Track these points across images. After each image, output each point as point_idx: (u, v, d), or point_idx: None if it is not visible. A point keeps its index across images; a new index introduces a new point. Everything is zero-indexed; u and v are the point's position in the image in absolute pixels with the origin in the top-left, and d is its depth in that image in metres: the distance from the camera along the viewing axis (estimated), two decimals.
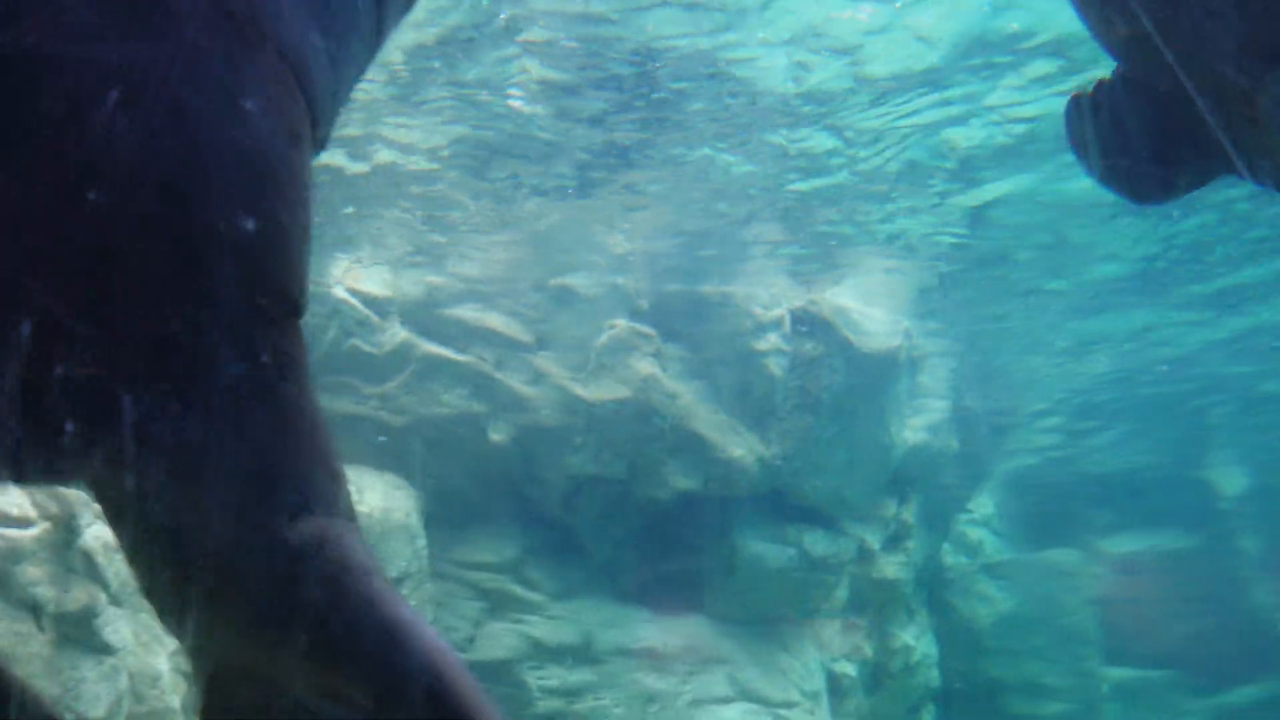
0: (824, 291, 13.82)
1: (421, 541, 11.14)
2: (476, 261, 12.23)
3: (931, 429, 15.58)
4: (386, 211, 11.12)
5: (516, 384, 12.11)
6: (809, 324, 13.37)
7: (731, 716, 12.84)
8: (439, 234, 11.67)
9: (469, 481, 12.24)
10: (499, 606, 12.20)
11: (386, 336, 11.85)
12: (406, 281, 12.14)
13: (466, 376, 11.94)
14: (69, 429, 1.69)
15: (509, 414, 12.08)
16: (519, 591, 12.30)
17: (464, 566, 12.20)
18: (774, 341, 13.07)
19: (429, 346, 11.91)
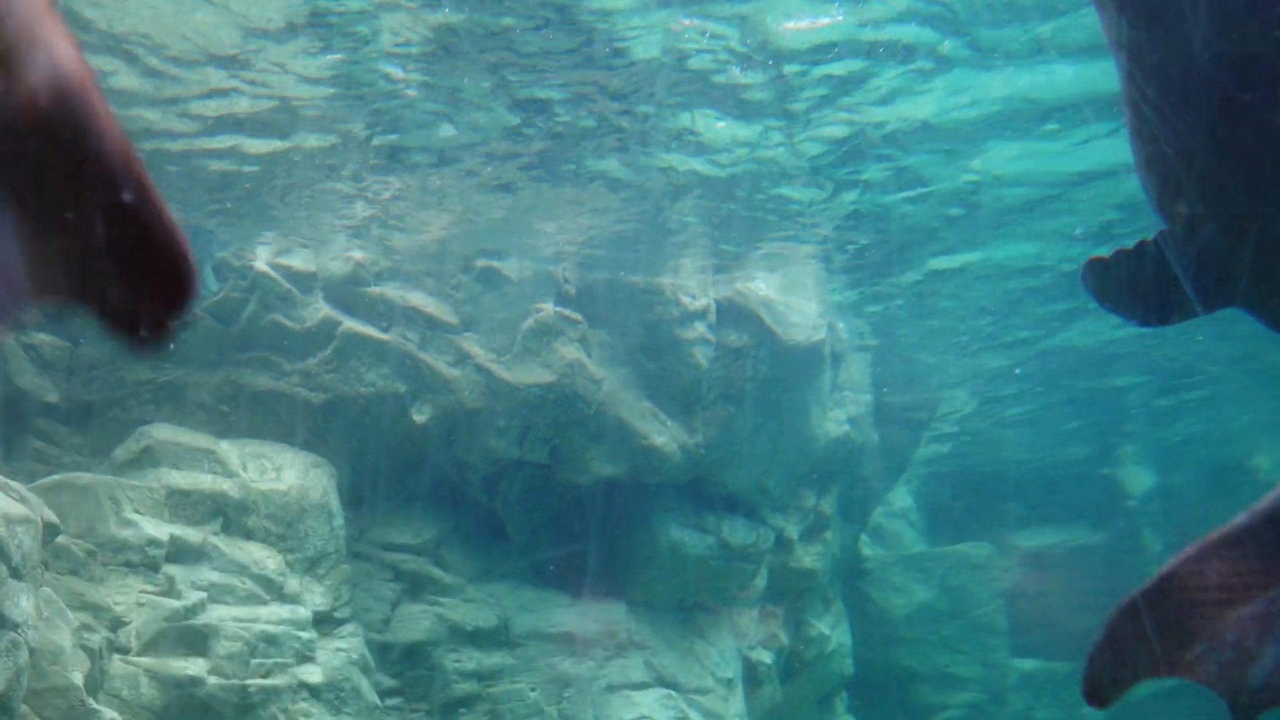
0: (750, 281, 13.92)
1: (339, 521, 11.01)
2: (404, 240, 12.10)
3: (853, 421, 15.79)
4: (312, 189, 10.94)
5: (440, 365, 12.01)
6: (735, 315, 13.46)
7: (646, 702, 12.92)
8: (366, 211, 11.51)
9: (389, 461, 12.12)
10: (416, 588, 12.12)
11: (309, 312, 11.67)
12: (331, 258, 11.97)
13: (390, 356, 11.81)
14: None
15: (432, 395, 11.99)
16: (437, 573, 12.23)
17: (382, 547, 12.09)
18: (700, 331, 13.14)
19: (352, 324, 11.76)
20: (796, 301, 14.11)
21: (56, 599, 8.66)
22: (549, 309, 12.44)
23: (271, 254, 11.73)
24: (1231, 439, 22.74)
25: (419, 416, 11.91)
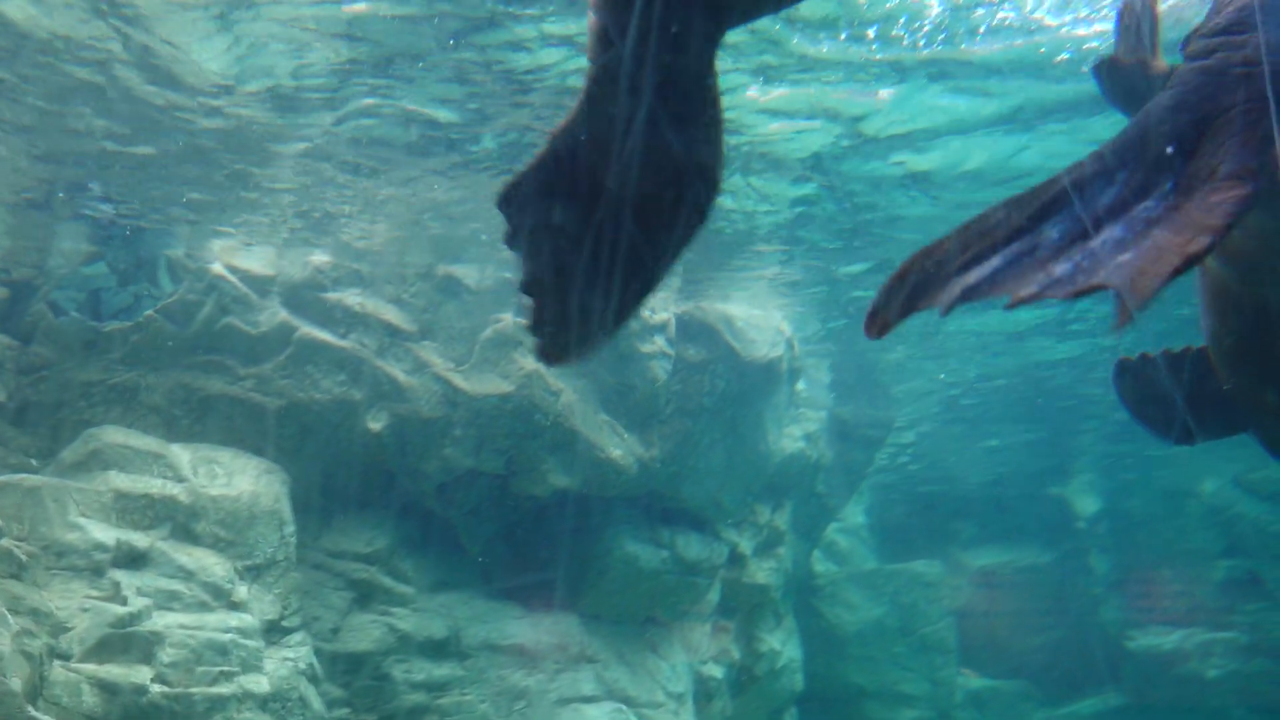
0: (713, 303, 13.97)
1: (290, 528, 10.88)
2: (363, 246, 12.01)
3: (809, 438, 15.89)
4: (272, 190, 10.84)
5: (397, 373, 11.93)
6: (694, 330, 13.50)
7: (597, 716, 12.88)
8: (325, 215, 11.42)
9: (343, 469, 12.01)
10: (367, 597, 12.00)
11: (265, 316, 11.55)
12: (289, 262, 11.86)
13: (346, 362, 11.71)
14: None
15: (388, 403, 11.90)
16: (388, 583, 12.12)
17: (333, 555, 11.97)
18: (659, 345, 13.16)
19: (309, 329, 11.65)
20: (756, 318, 14.18)
21: None
22: (509, 319, 12.41)
23: (228, 255, 11.59)
24: (1178, 464, 23.12)
25: (374, 424, 11.82)
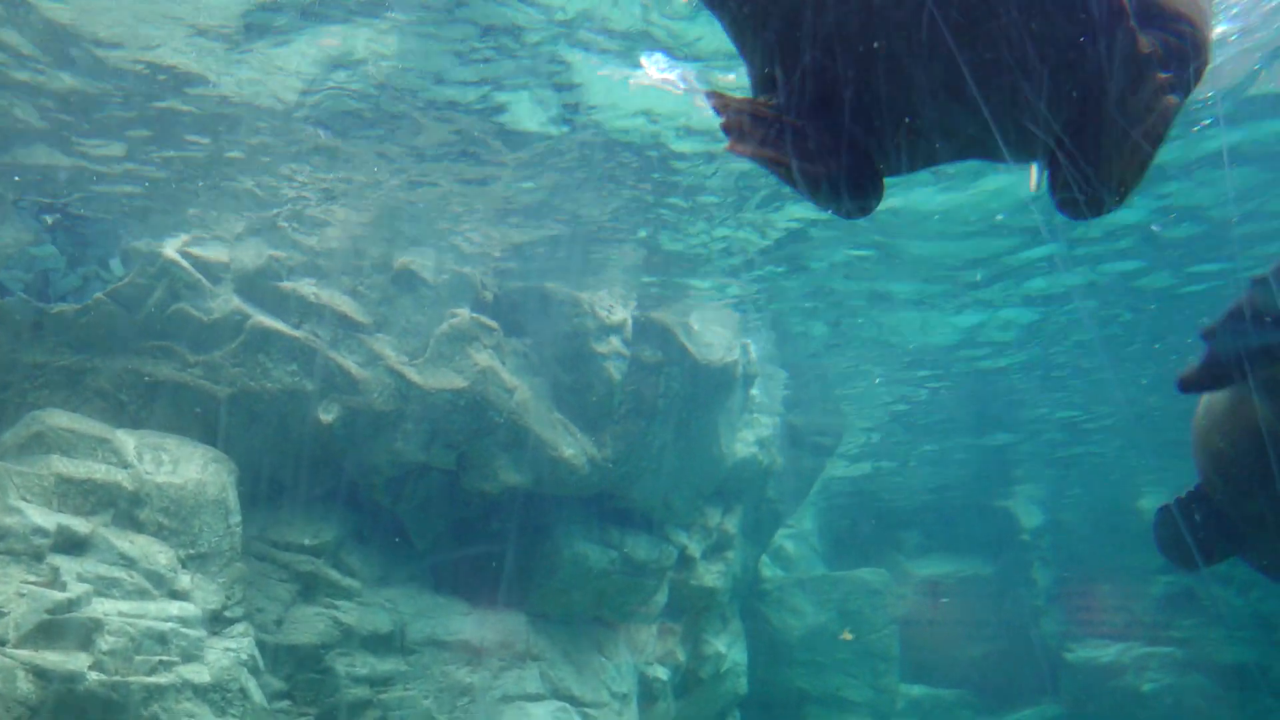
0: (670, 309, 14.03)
1: (236, 518, 10.75)
2: (320, 237, 11.91)
3: (761, 443, 15.98)
4: (231, 179, 10.72)
5: (350, 365, 11.84)
6: (650, 331, 13.53)
7: (540, 714, 12.86)
8: (283, 205, 11.31)
9: (292, 460, 11.90)
10: (312, 590, 11.90)
11: (217, 303, 11.41)
12: (244, 250, 11.73)
13: (298, 352, 11.61)
14: None
15: (340, 394, 11.81)
16: (334, 576, 12.02)
17: (279, 547, 11.85)
18: (615, 345, 13.17)
19: (261, 318, 11.53)
20: (712, 322, 14.25)
21: None
22: (465, 314, 12.36)
23: (181, 242, 11.44)
24: (1121, 481, 23.53)
25: (325, 416, 11.72)
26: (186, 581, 10.11)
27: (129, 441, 10.43)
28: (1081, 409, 19.70)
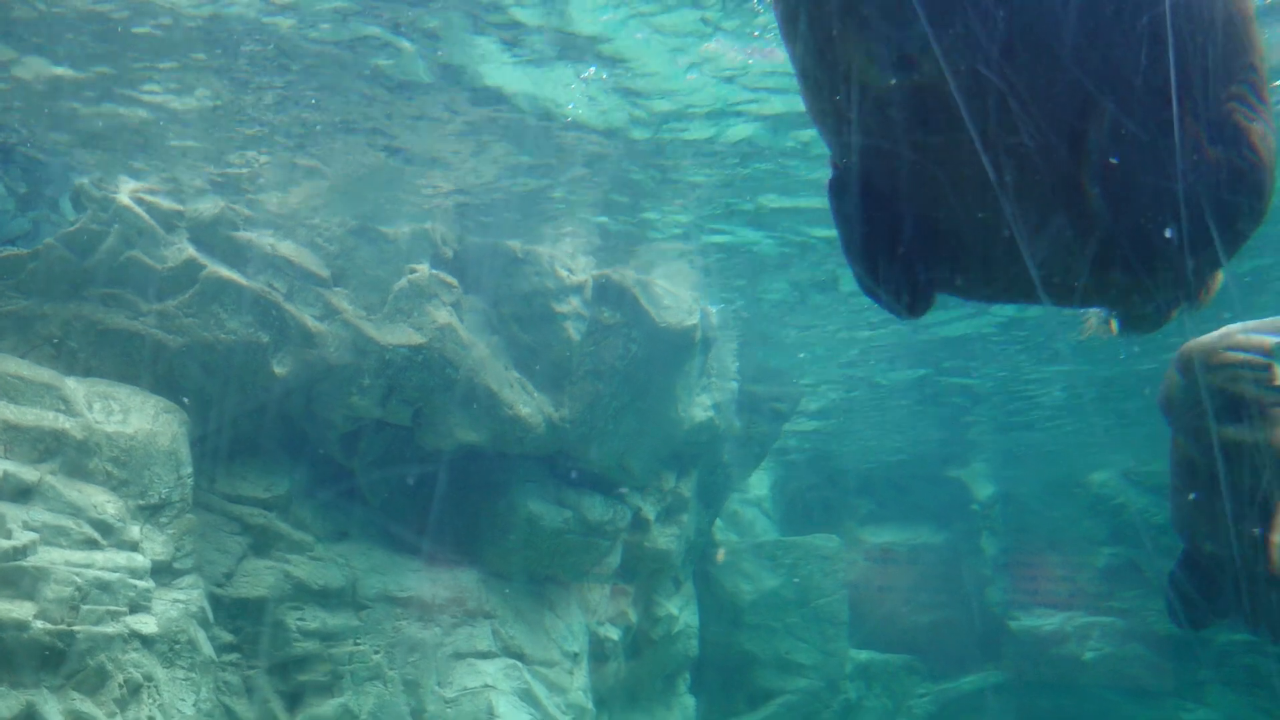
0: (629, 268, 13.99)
1: (187, 469, 10.65)
2: (279, 187, 11.74)
3: (717, 407, 16.03)
4: (185, 133, 10.52)
5: (306, 317, 11.72)
6: (611, 292, 13.50)
7: (491, 671, 12.92)
8: (241, 155, 11.13)
9: (245, 412, 11.79)
10: (263, 543, 11.83)
11: (171, 252, 11.23)
12: (200, 198, 11.54)
13: (254, 304, 11.47)
14: None
15: (295, 347, 11.69)
16: (286, 529, 11.96)
17: (230, 499, 11.76)
18: (575, 305, 13.14)
19: (216, 268, 11.37)
20: (672, 285, 14.24)
21: None
22: (424, 270, 12.26)
23: (135, 187, 11.23)
24: (1071, 455, 23.89)
25: (280, 368, 11.61)
26: (135, 532, 10.01)
27: (79, 390, 10.27)
28: (1036, 378, 19.94)
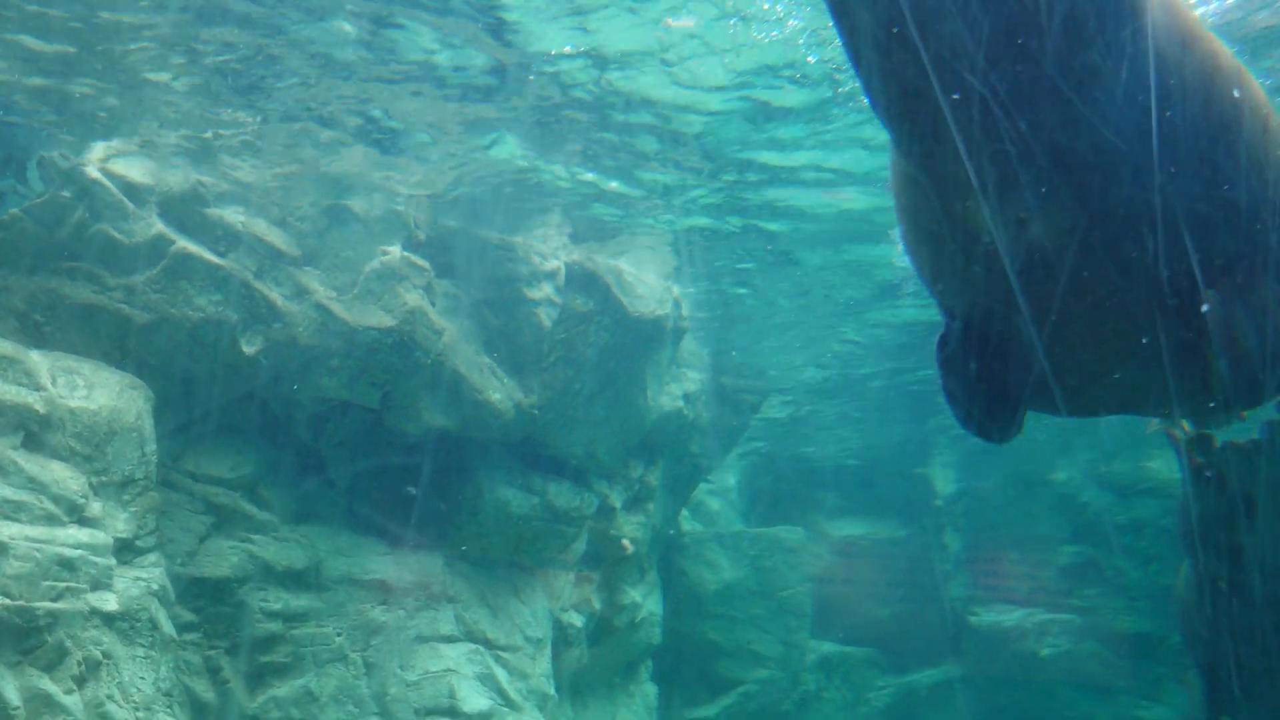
0: (602, 255, 13.97)
1: (152, 447, 10.56)
2: (252, 164, 11.63)
3: (687, 398, 16.07)
4: (160, 96, 10.40)
5: (276, 297, 11.64)
6: (583, 280, 13.48)
7: (454, 656, 12.91)
8: (216, 127, 11.02)
9: (211, 390, 11.70)
10: (227, 523, 11.76)
11: (140, 226, 11.11)
12: (171, 173, 11.41)
13: (223, 281, 11.37)
14: None
15: (264, 326, 11.61)
16: (250, 509, 11.89)
17: (195, 478, 11.68)
18: (547, 292, 13.12)
19: (186, 244, 11.26)
20: (645, 274, 14.24)
21: None
22: (396, 252, 12.20)
23: (103, 155, 11.07)
24: (1035, 453, 24.09)
25: (249, 348, 11.53)
26: (97, 509, 9.93)
27: (42, 363, 10.16)
28: None
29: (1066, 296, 3.55)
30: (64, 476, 9.77)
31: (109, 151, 11.09)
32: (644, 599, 16.76)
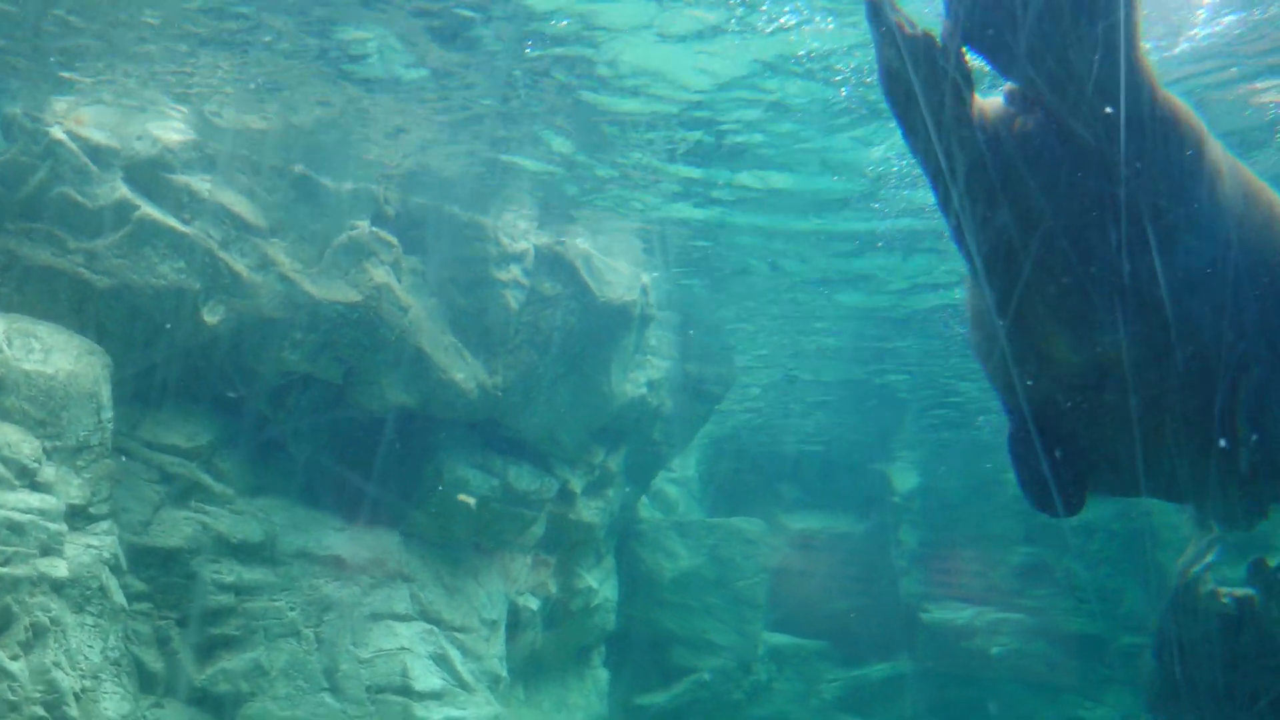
0: (574, 238, 13.94)
1: (108, 413, 10.43)
2: (220, 130, 11.48)
3: (651, 385, 16.08)
4: (127, 43, 10.23)
5: (241, 267, 11.52)
6: (552, 263, 13.45)
7: (407, 634, 12.88)
8: (185, 88, 10.86)
9: (171, 359, 11.56)
10: (183, 493, 11.64)
11: (104, 190, 10.95)
12: (136, 137, 11.25)
13: (187, 250, 11.23)
14: None
15: (228, 296, 11.48)
16: (207, 481, 11.78)
17: (151, 447, 11.55)
18: (515, 274, 13.07)
19: (150, 210, 11.11)
20: (615, 260, 14.22)
21: None
22: (364, 227, 12.10)
23: (68, 110, 10.87)
24: (994, 453, 24.35)
25: (211, 317, 11.40)
26: (50, 474, 9.80)
27: None
28: (960, 373, 20.28)
29: (1133, 407, 4.21)
30: (16, 440, 9.63)
31: (74, 105, 10.90)
32: (600, 584, 16.78)
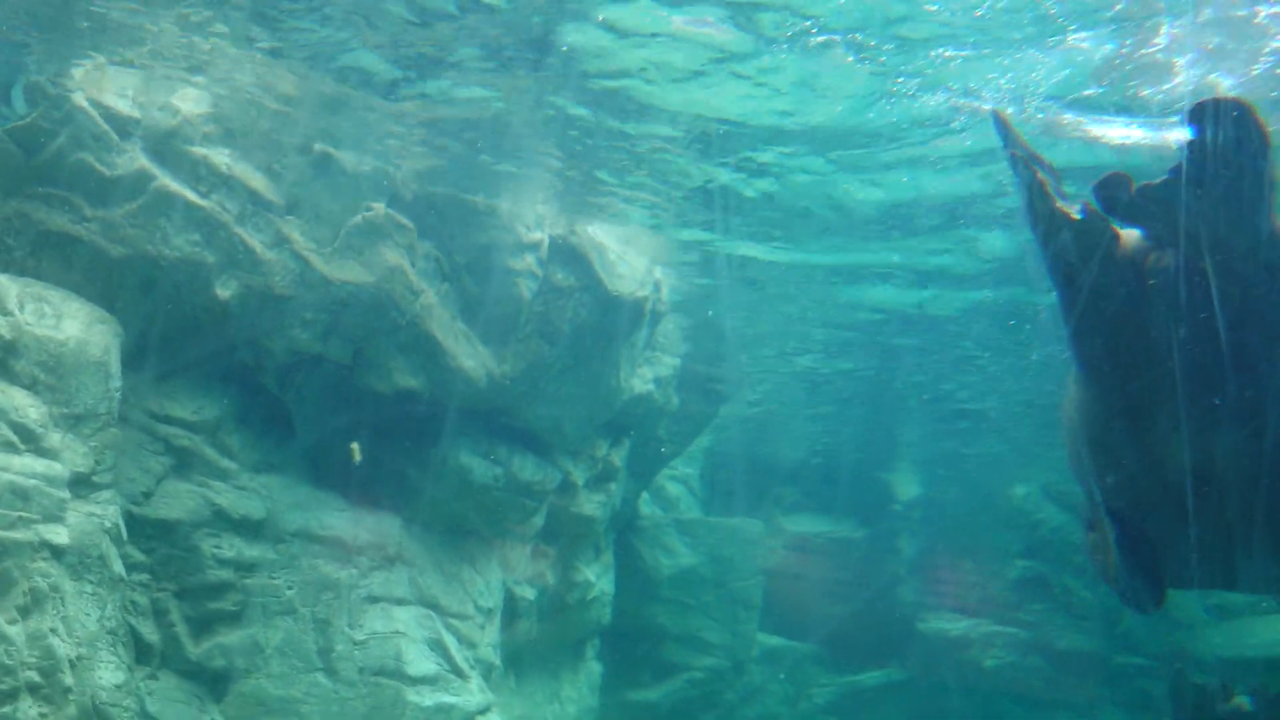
0: (589, 225, 13.91)
1: (116, 383, 10.42)
2: (241, 104, 11.45)
3: (658, 381, 16.06)
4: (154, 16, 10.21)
5: (255, 243, 11.50)
6: (566, 254, 13.42)
7: (404, 618, 12.87)
8: (207, 58, 10.84)
9: (181, 331, 11.55)
10: (187, 466, 11.64)
11: (123, 160, 10.93)
12: (157, 107, 11.22)
13: (203, 223, 11.22)
14: None
15: (241, 272, 11.47)
16: (211, 455, 11.77)
17: (157, 418, 11.54)
18: (529, 263, 13.05)
19: (168, 181, 11.09)
20: (629, 254, 14.19)
21: None
22: (381, 209, 12.08)
23: (90, 76, 10.83)
24: (996, 467, 24.32)
25: (223, 292, 11.39)
26: (56, 440, 9.80)
27: (11, 289, 10.00)
28: (974, 389, 20.23)
29: (1228, 508, 4.56)
30: (24, 404, 9.62)
31: (96, 69, 10.84)
32: (597, 578, 16.78)
